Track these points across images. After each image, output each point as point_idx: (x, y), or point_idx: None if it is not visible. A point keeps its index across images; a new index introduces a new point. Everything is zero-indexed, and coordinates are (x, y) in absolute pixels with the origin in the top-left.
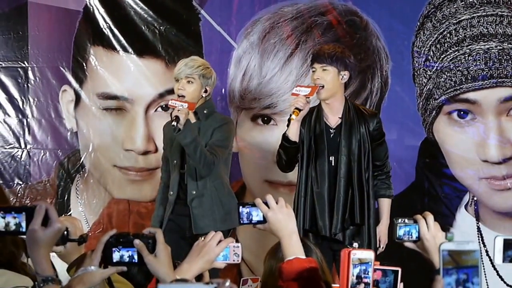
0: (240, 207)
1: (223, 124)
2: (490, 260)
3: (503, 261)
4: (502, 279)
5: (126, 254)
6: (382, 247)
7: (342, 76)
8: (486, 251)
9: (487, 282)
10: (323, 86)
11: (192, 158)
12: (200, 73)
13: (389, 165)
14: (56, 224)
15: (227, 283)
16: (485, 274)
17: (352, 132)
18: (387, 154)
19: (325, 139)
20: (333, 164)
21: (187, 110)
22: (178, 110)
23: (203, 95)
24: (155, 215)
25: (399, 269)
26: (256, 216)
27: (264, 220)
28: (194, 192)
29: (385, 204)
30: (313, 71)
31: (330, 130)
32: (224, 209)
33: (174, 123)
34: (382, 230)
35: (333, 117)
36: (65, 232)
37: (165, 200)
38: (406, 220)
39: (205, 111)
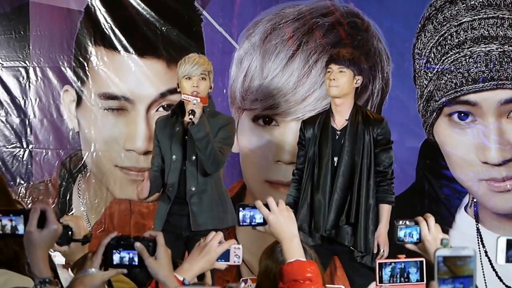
0: (240, 208)
1: (228, 124)
2: (489, 261)
3: (506, 261)
4: (501, 280)
5: (126, 256)
6: (383, 250)
7: (356, 81)
8: (486, 252)
9: (485, 283)
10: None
11: (202, 153)
12: (209, 70)
13: (393, 172)
14: (53, 226)
15: (242, 285)
16: (484, 275)
17: (357, 135)
18: (391, 161)
19: (329, 140)
20: (335, 165)
21: (202, 104)
22: (194, 104)
23: (209, 91)
24: (160, 209)
25: (424, 259)
26: (257, 218)
27: (264, 222)
28: (194, 189)
29: (385, 210)
30: (328, 71)
31: (336, 132)
32: (223, 207)
33: (191, 116)
34: (380, 235)
35: (340, 119)
36: (69, 232)
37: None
38: (407, 222)
39: (208, 109)
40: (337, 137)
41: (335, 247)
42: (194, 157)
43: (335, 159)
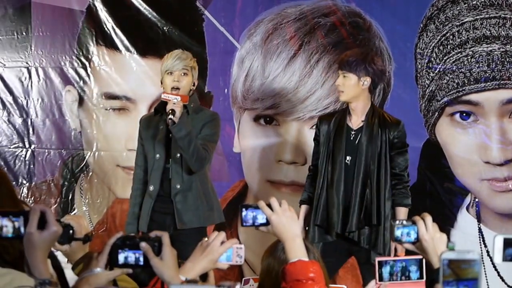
0: (243, 209)
1: (213, 120)
2: (492, 261)
3: (503, 260)
4: (503, 280)
5: (132, 256)
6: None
7: (363, 82)
8: (488, 252)
9: (487, 283)
10: None
11: (185, 152)
12: (192, 65)
13: (409, 175)
14: (53, 227)
15: (238, 286)
16: (486, 275)
17: (373, 136)
18: (407, 164)
19: (344, 139)
20: (349, 164)
21: (182, 103)
22: (174, 103)
23: (192, 88)
24: (130, 212)
25: (422, 257)
26: (259, 218)
27: (267, 223)
28: (179, 187)
29: (402, 213)
30: (338, 76)
31: (351, 131)
32: (208, 204)
33: (170, 116)
34: None
35: (356, 119)
36: (70, 231)
37: (140, 197)
38: (404, 222)
39: (192, 105)
40: (352, 137)
41: (350, 246)
42: (178, 155)
43: (348, 158)
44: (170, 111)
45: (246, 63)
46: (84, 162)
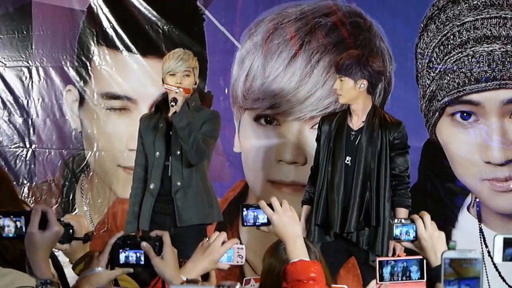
0: (244, 209)
1: (213, 117)
2: (492, 261)
3: (503, 260)
4: (504, 280)
5: (133, 255)
6: (397, 255)
7: (360, 85)
8: (488, 252)
9: (488, 283)
10: None
11: (185, 143)
12: (194, 65)
13: (409, 176)
14: (54, 227)
15: (237, 286)
16: (487, 275)
17: (373, 137)
18: (407, 165)
19: (344, 139)
20: (349, 165)
21: (184, 93)
22: (176, 93)
23: (194, 87)
24: (130, 211)
25: (423, 258)
26: (260, 218)
27: (268, 222)
28: (179, 184)
29: (402, 214)
30: (336, 80)
31: (351, 132)
32: (208, 201)
33: (172, 103)
34: None
35: (357, 120)
36: (71, 231)
37: (140, 196)
38: (403, 220)
39: (193, 104)
40: (352, 137)
41: (350, 247)
42: (178, 152)
43: (348, 158)
44: (172, 99)
45: (246, 63)
46: (85, 162)
